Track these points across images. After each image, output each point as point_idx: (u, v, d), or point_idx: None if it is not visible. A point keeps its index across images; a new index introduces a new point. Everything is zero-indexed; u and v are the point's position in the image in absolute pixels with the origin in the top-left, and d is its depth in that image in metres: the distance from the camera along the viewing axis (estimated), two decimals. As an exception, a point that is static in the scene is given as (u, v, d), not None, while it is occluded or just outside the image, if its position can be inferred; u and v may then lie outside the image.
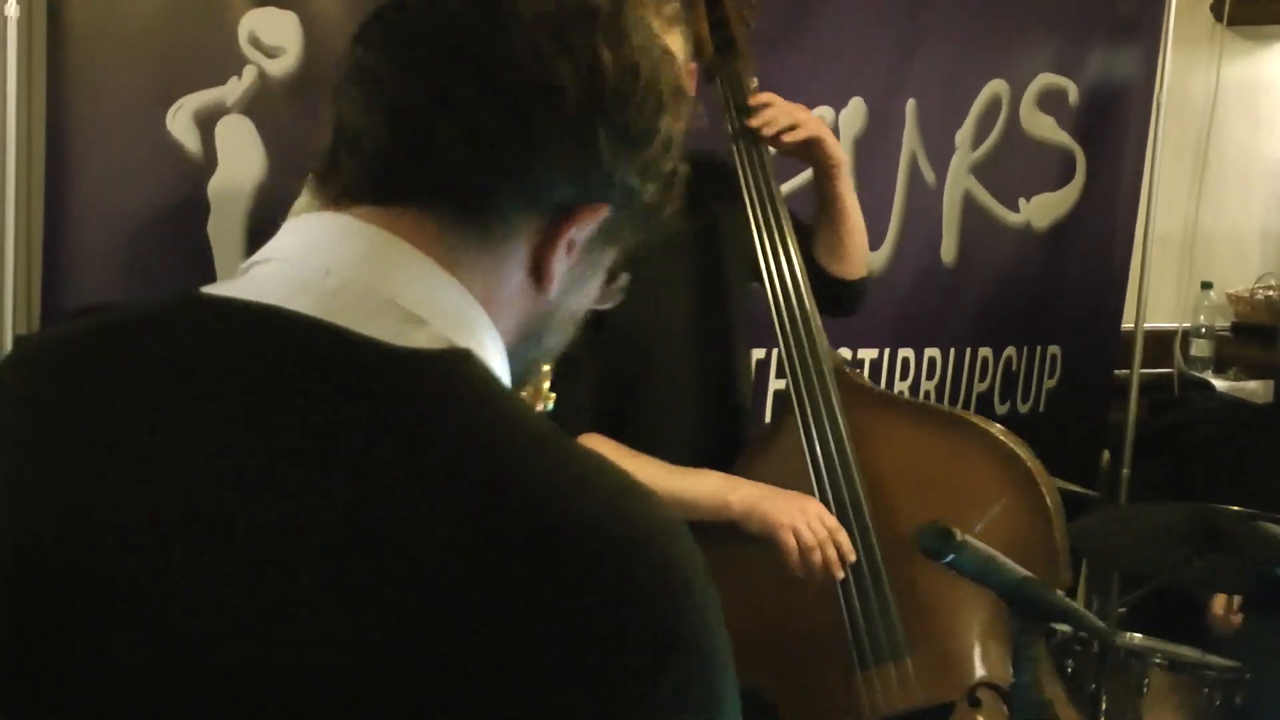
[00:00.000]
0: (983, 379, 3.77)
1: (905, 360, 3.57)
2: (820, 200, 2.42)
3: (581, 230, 0.93)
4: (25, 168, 2.38)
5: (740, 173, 2.29)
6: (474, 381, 0.86)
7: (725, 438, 2.31)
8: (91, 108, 2.37)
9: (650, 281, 2.29)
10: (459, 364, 0.86)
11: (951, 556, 1.67)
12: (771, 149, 2.34)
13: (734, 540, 2.20)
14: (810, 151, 2.34)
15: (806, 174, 2.54)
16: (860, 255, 2.46)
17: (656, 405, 2.27)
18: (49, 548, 0.85)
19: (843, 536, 2.15)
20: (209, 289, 0.92)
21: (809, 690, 2.21)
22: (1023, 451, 2.18)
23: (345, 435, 0.81)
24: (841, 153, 2.38)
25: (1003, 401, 3.81)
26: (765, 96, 2.32)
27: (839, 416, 2.20)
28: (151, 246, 2.43)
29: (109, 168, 2.39)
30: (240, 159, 2.51)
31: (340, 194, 0.93)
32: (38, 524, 0.86)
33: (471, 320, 0.90)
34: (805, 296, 2.25)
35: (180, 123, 2.46)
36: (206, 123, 2.48)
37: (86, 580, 0.83)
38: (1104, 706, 2.65)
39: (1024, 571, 1.68)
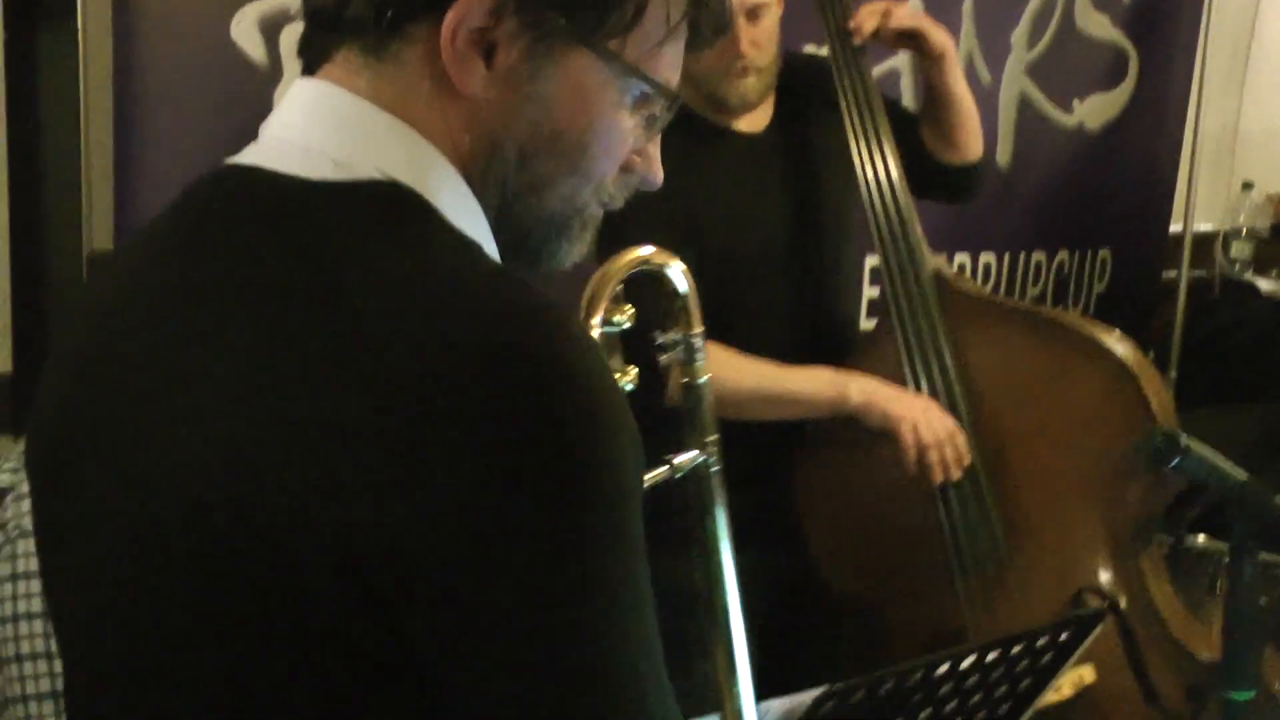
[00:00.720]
0: (1035, 283, 3.73)
1: (961, 266, 3.53)
2: (927, 90, 2.37)
3: (474, 19, 0.91)
4: (91, 78, 2.32)
5: (836, 75, 2.22)
6: (391, 209, 0.89)
7: (826, 351, 2.27)
8: (156, 17, 2.30)
9: (746, 193, 2.26)
10: (377, 193, 0.90)
11: (1177, 460, 1.63)
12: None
13: (838, 446, 2.17)
14: (913, 42, 2.29)
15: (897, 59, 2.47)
16: (973, 139, 2.41)
17: (755, 320, 2.22)
18: (75, 435, 0.97)
19: (961, 439, 2.11)
20: (234, 158, 0.98)
21: (911, 598, 2.19)
22: (1132, 359, 2.14)
23: (263, 268, 0.88)
24: (946, 39, 2.31)
25: (1054, 306, 3.77)
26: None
27: (938, 325, 2.16)
28: (220, 158, 2.37)
29: (175, 78, 2.33)
30: (306, 67, 2.44)
31: (309, 62, 0.98)
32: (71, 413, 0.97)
33: (406, 153, 0.92)
34: (903, 202, 2.20)
35: (244, 30, 2.40)
36: (271, 30, 2.41)
37: (94, 437, 0.94)
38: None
39: (1244, 474, 1.64)
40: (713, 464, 1.22)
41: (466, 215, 0.93)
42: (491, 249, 0.95)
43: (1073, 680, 1.81)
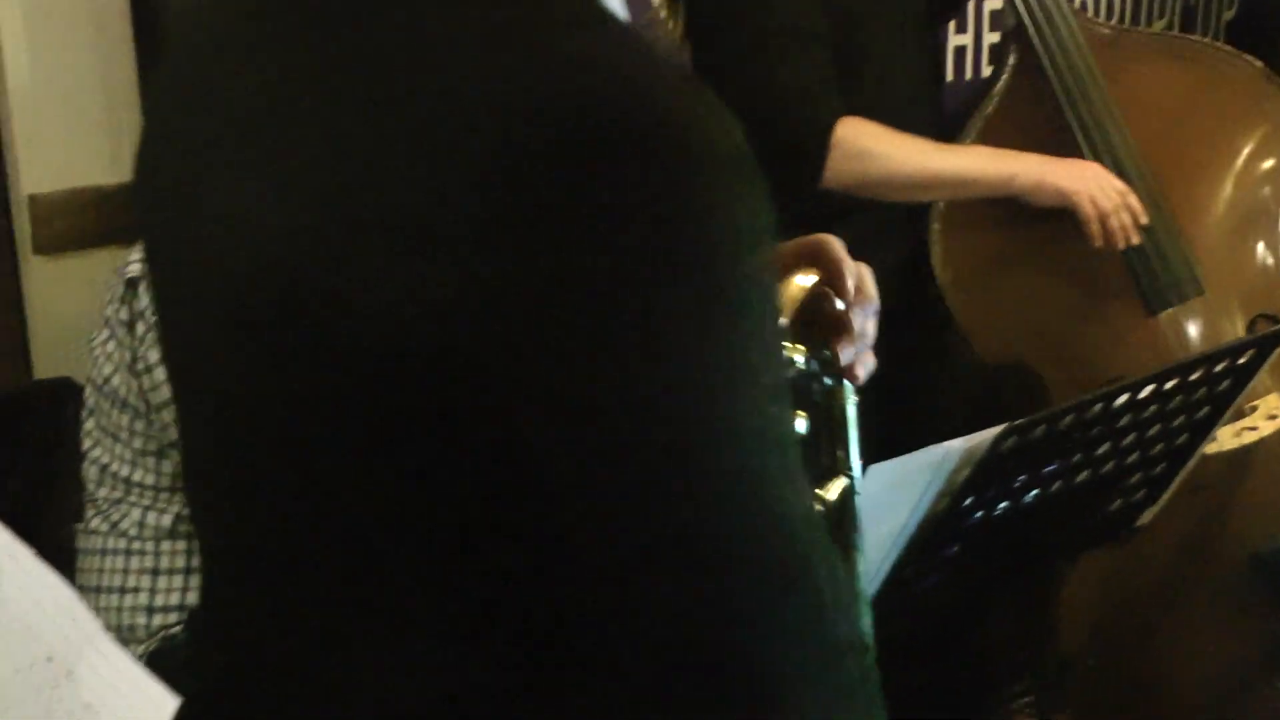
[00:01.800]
0: (1161, 15, 3.59)
1: (1082, 3, 3.41)
2: None
3: None
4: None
5: None
6: None
7: (936, 110, 2.22)
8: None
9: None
10: None
11: None
12: None
13: (980, 220, 2.13)
14: None
15: None
16: None
17: (881, 78, 2.17)
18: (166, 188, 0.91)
19: (1134, 199, 2.08)
20: None
21: (1090, 350, 2.16)
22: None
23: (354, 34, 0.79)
24: None
25: (1182, 36, 3.65)
26: None
27: (1091, 62, 2.09)
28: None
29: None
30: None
31: None
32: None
33: None
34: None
35: None
36: None
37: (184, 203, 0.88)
38: None
39: None
40: (858, 488, 1.13)
41: None
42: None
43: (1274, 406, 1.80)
